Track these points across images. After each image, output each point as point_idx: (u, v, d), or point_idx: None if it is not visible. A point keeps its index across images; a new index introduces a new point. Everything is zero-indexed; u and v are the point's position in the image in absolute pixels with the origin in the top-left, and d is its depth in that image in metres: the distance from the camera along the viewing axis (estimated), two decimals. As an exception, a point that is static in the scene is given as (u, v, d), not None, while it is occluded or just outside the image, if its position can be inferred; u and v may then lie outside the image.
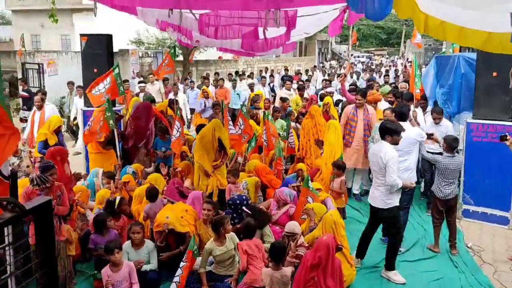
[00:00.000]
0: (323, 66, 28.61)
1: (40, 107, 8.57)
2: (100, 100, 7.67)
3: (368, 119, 7.65)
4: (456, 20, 3.02)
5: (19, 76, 16.17)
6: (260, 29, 5.09)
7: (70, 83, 12.54)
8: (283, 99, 10.23)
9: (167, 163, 7.68)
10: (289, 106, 10.34)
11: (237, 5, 4.25)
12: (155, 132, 7.94)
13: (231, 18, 5.15)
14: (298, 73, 19.52)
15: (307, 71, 22.63)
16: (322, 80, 14.75)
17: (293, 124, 9.12)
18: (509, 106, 6.77)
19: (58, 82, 15.65)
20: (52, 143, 7.32)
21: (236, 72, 20.62)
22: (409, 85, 9.07)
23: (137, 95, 11.49)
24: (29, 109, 10.70)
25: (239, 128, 7.92)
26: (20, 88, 13.41)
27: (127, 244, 4.98)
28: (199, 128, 8.44)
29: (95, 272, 5.00)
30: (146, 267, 4.93)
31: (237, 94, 13.34)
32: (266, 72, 21.06)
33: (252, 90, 13.97)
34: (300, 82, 13.97)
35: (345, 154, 7.37)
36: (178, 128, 7.44)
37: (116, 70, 7.55)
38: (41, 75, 15.79)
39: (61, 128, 7.75)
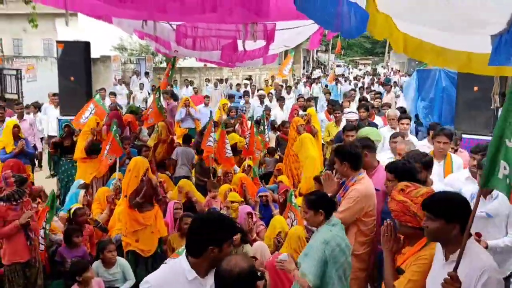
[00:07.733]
0: (308, 76, 28.35)
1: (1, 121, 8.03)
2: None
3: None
4: (436, 40, 2.94)
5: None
6: (239, 41, 4.99)
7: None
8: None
9: None
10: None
11: (213, 19, 4.12)
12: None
13: (208, 29, 5.03)
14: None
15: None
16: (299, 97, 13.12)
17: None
18: (490, 121, 6.75)
19: (37, 88, 15.29)
20: (9, 150, 7.02)
21: (221, 80, 20.39)
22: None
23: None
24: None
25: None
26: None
27: (97, 264, 4.75)
28: (185, 138, 8.29)
29: None
30: (124, 287, 4.76)
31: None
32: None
33: (262, 102, 12.92)
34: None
35: None
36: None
37: (114, 127, 6.83)
38: (19, 81, 15.37)
39: (19, 132, 7.32)
